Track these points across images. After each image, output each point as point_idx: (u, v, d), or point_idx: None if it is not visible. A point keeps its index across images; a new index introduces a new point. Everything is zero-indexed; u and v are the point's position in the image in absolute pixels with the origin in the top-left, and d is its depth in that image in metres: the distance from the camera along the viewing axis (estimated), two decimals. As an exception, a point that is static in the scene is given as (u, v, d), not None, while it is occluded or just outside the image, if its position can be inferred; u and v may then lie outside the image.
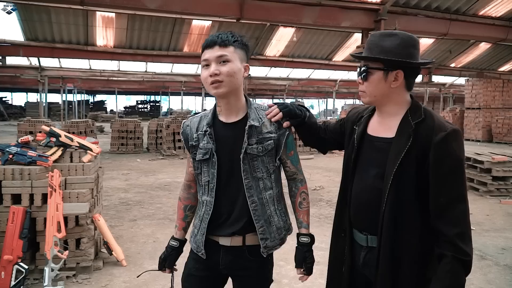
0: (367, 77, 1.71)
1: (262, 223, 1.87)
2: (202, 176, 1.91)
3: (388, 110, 1.75)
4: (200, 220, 1.93)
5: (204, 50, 1.80)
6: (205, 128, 1.88)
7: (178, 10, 8.95)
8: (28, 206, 3.87)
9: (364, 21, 9.52)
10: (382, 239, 1.65)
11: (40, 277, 3.83)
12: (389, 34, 1.69)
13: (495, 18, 11.25)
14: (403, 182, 1.63)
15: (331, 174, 10.76)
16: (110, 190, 8.09)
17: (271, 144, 1.88)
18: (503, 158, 8.02)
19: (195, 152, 1.91)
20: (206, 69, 1.79)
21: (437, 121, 1.64)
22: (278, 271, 4.29)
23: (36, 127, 12.25)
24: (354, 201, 1.82)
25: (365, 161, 1.80)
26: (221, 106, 1.88)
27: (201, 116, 1.97)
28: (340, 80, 25.25)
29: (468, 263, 1.55)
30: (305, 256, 1.96)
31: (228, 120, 1.89)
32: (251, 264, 1.91)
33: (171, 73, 21.97)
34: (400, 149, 1.63)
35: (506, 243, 5.33)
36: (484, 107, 20.91)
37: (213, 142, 1.85)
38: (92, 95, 48.83)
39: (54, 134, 4.29)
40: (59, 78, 23.62)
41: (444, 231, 1.56)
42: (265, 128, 1.88)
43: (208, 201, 1.89)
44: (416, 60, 1.68)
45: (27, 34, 13.38)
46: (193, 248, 1.98)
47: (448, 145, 1.58)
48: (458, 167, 1.60)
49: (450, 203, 1.57)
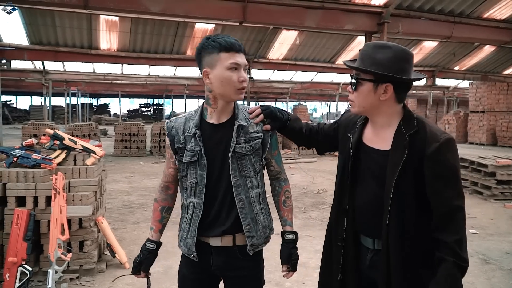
0: (357, 87, 1.72)
1: (248, 221, 1.89)
2: (187, 178, 1.91)
3: (379, 121, 1.77)
4: (189, 223, 1.92)
5: (229, 51, 1.80)
6: (194, 130, 1.87)
7: (181, 14, 8.97)
8: (32, 208, 3.89)
9: (367, 24, 9.51)
10: (390, 246, 1.68)
11: (44, 279, 3.85)
12: (383, 46, 1.68)
13: (500, 20, 11.21)
14: (403, 192, 1.67)
15: (334, 177, 10.70)
16: (113, 193, 8.10)
17: (259, 143, 1.92)
18: (508, 162, 7.99)
19: (181, 154, 1.91)
20: (235, 71, 1.81)
21: (429, 131, 1.66)
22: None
23: (40, 130, 12.29)
24: (360, 210, 1.83)
25: (364, 172, 1.82)
26: (217, 109, 1.89)
27: (186, 118, 1.96)
28: (343, 83, 25.18)
29: (465, 269, 1.59)
30: (291, 253, 1.99)
31: (217, 121, 1.90)
32: (243, 264, 1.93)
33: (174, 76, 21.97)
34: (397, 162, 1.66)
35: (510, 247, 5.30)
36: (489, 110, 20.81)
37: (202, 144, 1.86)
38: (96, 98, 48.95)
39: (58, 137, 4.30)
40: (63, 82, 23.66)
41: (444, 238, 1.60)
42: (252, 128, 1.92)
43: (197, 203, 1.89)
44: (407, 75, 1.67)
45: (32, 38, 13.43)
46: (184, 252, 1.98)
47: (442, 155, 1.62)
48: (454, 176, 1.64)
49: (450, 212, 1.61)
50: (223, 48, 1.78)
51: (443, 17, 10.50)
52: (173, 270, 4.26)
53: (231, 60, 1.79)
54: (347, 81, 24.83)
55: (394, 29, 9.62)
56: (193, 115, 1.95)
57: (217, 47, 1.78)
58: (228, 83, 1.80)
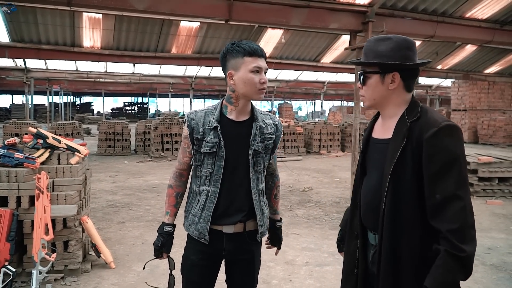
0: (365, 81, 1.78)
1: (259, 212, 2.13)
2: (203, 167, 2.08)
3: (388, 112, 1.80)
4: (201, 209, 2.08)
5: (253, 56, 2.00)
6: (215, 124, 2.04)
7: (166, 11, 8.89)
8: (15, 208, 3.83)
9: (352, 23, 9.56)
10: (383, 237, 1.67)
11: (27, 280, 3.79)
12: (384, 39, 1.74)
13: (482, 20, 11.37)
14: (401, 181, 1.65)
15: (320, 175, 10.80)
16: (97, 192, 8.02)
17: (271, 144, 2.17)
18: (489, 159, 8.13)
19: (199, 145, 2.07)
20: (257, 74, 2.01)
21: (431, 117, 1.65)
22: (267, 272, 4.29)
23: (22, 129, 12.08)
24: (362, 203, 1.86)
25: (370, 164, 1.87)
26: (238, 107, 2.08)
27: (206, 112, 2.11)
28: (328, 82, 25.36)
29: (464, 260, 1.50)
30: (280, 236, 2.39)
31: (237, 118, 2.09)
32: (251, 247, 2.17)
33: (158, 75, 21.86)
34: (396, 148, 1.66)
35: (492, 243, 5.40)
36: (470, 108, 21.16)
37: (222, 138, 2.03)
38: (79, 97, 48.40)
39: (41, 136, 4.24)
40: (45, 80, 23.38)
41: (439, 227, 1.55)
42: (267, 129, 2.14)
43: (212, 191, 2.06)
44: (412, 62, 1.71)
45: (13, 35, 13.21)
46: (194, 235, 2.11)
47: (440, 140, 1.58)
48: (453, 163, 1.58)
49: (446, 200, 1.55)
50: (247, 53, 1.99)
51: (426, 16, 10.61)
52: (159, 270, 4.24)
53: (254, 64, 1.99)
54: (332, 80, 25.04)
55: (379, 28, 9.68)
56: (213, 110, 2.11)
57: (242, 52, 1.99)
58: (250, 84, 2.00)
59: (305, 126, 17.19)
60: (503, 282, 4.22)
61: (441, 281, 1.51)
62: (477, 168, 8.07)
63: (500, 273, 4.43)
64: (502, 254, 5.00)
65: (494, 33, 11.57)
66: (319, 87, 26.26)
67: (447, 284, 1.52)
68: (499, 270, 4.50)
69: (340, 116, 34.00)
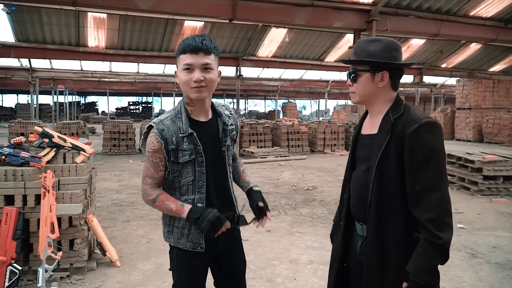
0: (356, 78, 1.89)
1: (235, 200, 2.16)
2: (182, 177, 1.98)
3: (375, 108, 1.92)
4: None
5: (185, 53, 1.88)
6: (189, 130, 1.94)
7: (170, 11, 8.94)
8: (21, 207, 3.85)
9: (356, 21, 9.56)
10: (369, 227, 1.81)
11: (33, 278, 3.82)
12: (374, 40, 1.88)
13: (486, 18, 11.34)
14: (385, 174, 1.78)
15: (324, 174, 10.80)
16: (102, 191, 8.06)
17: (235, 134, 2.17)
18: (494, 158, 8.10)
19: (175, 155, 1.94)
20: (188, 73, 1.89)
21: (413, 114, 1.78)
22: (272, 271, 4.30)
23: (27, 128, 12.18)
24: (352, 195, 1.99)
25: (358, 159, 1.98)
26: (195, 107, 1.99)
27: (171, 118, 1.97)
28: (332, 81, 25.32)
29: (441, 247, 1.64)
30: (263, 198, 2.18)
31: (200, 118, 2.02)
32: (237, 233, 2.19)
33: (163, 74, 21.88)
34: (381, 143, 1.79)
35: (497, 241, 5.39)
36: (475, 107, 21.07)
37: (200, 143, 1.96)
38: (84, 96, 48.55)
39: (47, 135, 4.26)
40: (50, 80, 23.45)
41: (419, 217, 1.69)
42: (229, 122, 2.11)
43: (198, 198, 1.98)
44: (400, 62, 1.86)
45: (18, 35, 13.29)
46: (188, 247, 2.01)
47: (420, 135, 1.70)
48: (433, 157, 1.70)
49: (425, 191, 1.69)
50: (181, 50, 1.90)
51: (430, 15, 10.60)
52: (164, 268, 4.26)
53: (185, 61, 1.88)
54: (336, 79, 25.00)
55: (383, 27, 9.69)
56: (177, 115, 1.98)
57: (179, 49, 1.91)
58: (182, 84, 1.92)
59: (309, 125, 17.19)
60: (507, 280, 4.21)
61: (421, 266, 1.65)
62: (482, 167, 8.04)
63: (505, 272, 4.42)
64: (507, 252, 4.98)
65: (499, 31, 11.53)
66: (323, 86, 26.22)
67: (426, 269, 1.66)
68: (503, 269, 4.49)
69: (344, 115, 33.97)
